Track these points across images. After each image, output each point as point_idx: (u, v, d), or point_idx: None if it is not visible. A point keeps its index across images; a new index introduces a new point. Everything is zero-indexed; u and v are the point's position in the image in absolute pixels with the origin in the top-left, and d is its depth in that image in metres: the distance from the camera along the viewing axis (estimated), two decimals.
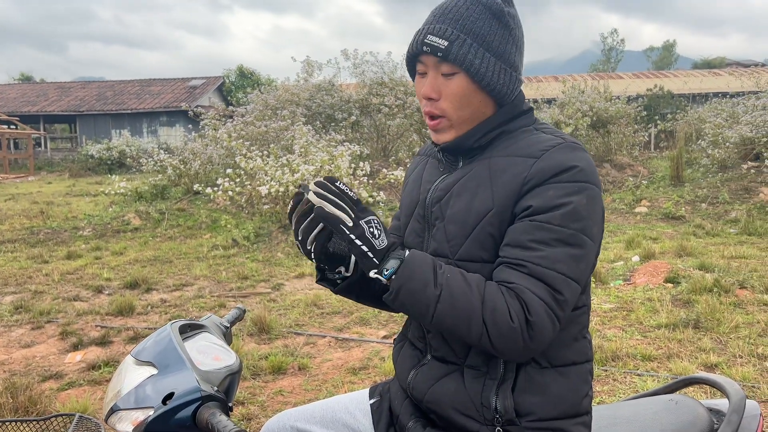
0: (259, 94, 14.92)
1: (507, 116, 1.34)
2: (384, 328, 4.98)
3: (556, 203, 1.19)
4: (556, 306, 1.16)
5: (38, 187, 18.86)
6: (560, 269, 1.17)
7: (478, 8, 1.27)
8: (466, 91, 1.28)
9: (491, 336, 1.14)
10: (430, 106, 1.32)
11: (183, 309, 5.72)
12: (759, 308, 4.99)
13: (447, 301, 1.15)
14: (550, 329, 1.16)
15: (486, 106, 1.32)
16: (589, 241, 1.21)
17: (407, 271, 1.16)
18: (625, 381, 3.78)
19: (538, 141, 1.28)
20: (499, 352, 1.17)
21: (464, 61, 1.25)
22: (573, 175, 1.21)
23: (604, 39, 72.32)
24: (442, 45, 1.25)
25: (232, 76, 35.70)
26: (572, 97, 15.66)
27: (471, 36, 1.26)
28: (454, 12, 1.28)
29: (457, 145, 1.35)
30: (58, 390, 3.92)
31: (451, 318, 1.15)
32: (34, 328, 5.20)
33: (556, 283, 1.17)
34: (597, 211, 1.23)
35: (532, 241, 1.19)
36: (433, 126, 1.34)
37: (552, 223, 1.19)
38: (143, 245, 9.03)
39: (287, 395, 3.78)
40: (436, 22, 1.28)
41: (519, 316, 1.14)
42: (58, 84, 37.37)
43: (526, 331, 1.14)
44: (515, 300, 1.16)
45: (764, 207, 9.97)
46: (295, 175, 8.45)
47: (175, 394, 1.10)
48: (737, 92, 17.54)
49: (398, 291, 1.17)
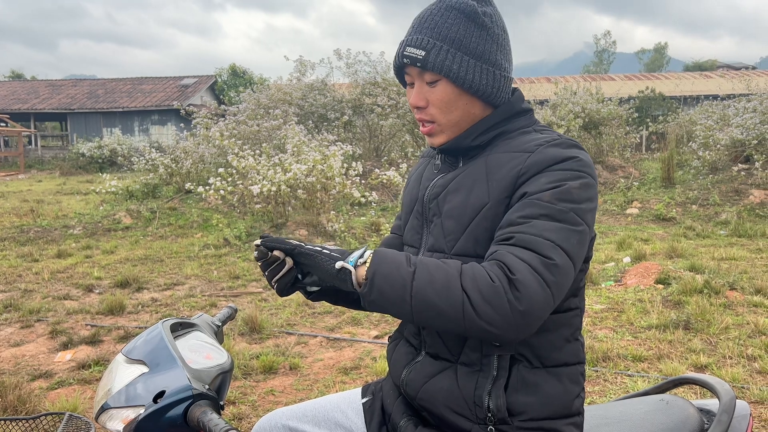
0: (251, 93, 14.89)
1: (504, 116, 1.35)
2: (376, 328, 4.98)
3: (548, 186, 1.19)
4: (543, 269, 1.10)
5: (28, 186, 18.74)
6: (548, 236, 1.14)
7: (452, 14, 1.29)
8: (451, 96, 1.31)
9: (474, 302, 1.08)
10: (420, 113, 1.35)
11: (174, 308, 5.70)
12: (748, 309, 5.02)
13: (423, 276, 1.12)
14: (539, 291, 1.09)
15: (473, 107, 1.33)
16: (583, 222, 1.18)
17: (378, 256, 1.16)
18: (615, 381, 3.79)
19: (535, 138, 1.30)
20: (486, 322, 1.08)
21: (443, 67, 1.28)
22: (568, 164, 1.22)
23: (597, 41, 72.62)
24: (420, 55, 1.28)
25: (225, 75, 35.60)
26: (564, 99, 15.73)
27: (447, 42, 1.28)
28: (429, 21, 1.30)
29: (455, 146, 1.37)
30: (48, 389, 3.89)
31: (429, 293, 1.11)
32: (23, 327, 5.17)
33: (543, 248, 1.12)
34: (591, 199, 1.22)
35: (521, 217, 1.18)
36: (425, 131, 1.38)
37: (542, 200, 1.18)
38: (134, 244, 8.98)
39: (278, 395, 3.77)
40: (414, 33, 1.32)
41: (500, 277, 1.10)
42: (49, 82, 37.14)
43: (510, 290, 1.08)
44: (495, 266, 1.12)
45: (754, 209, 10.04)
46: (287, 174, 8.44)
47: (166, 393, 1.10)
48: (728, 95, 17.64)
49: (373, 278, 1.14)
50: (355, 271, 1.17)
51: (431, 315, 1.12)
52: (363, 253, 1.19)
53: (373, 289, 1.14)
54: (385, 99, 13.38)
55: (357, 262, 1.17)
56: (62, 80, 38.01)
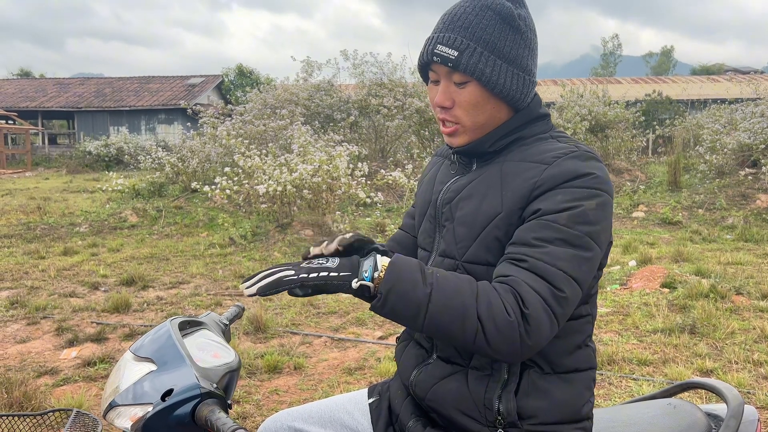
0: (258, 93, 14.92)
1: (522, 121, 1.33)
2: (380, 329, 4.98)
3: (564, 206, 1.18)
4: (554, 302, 1.12)
5: (35, 183, 18.82)
6: (562, 266, 1.14)
7: (487, 14, 1.26)
8: (480, 99, 1.28)
9: (487, 332, 1.09)
10: (444, 113, 1.31)
11: (179, 307, 5.71)
12: (755, 314, 5.00)
13: (439, 300, 1.10)
14: (547, 325, 1.11)
15: (500, 111, 1.31)
16: (596, 245, 1.19)
17: (394, 272, 1.12)
18: (621, 385, 3.78)
19: (552, 148, 1.27)
20: (494, 350, 1.11)
21: (475, 70, 1.24)
22: (585, 182, 1.20)
23: (605, 43, 72.42)
24: (452, 55, 1.24)
25: (231, 75, 35.68)
26: (571, 101, 15.69)
27: (481, 44, 1.24)
28: (463, 19, 1.26)
29: (473, 149, 1.35)
30: (54, 386, 3.90)
31: (444, 317, 1.10)
32: (29, 324, 5.19)
33: (556, 280, 1.13)
34: (606, 219, 1.21)
35: (536, 239, 1.17)
36: (447, 132, 1.34)
37: (558, 223, 1.17)
38: (140, 242, 9.01)
39: (283, 395, 3.78)
40: (446, 30, 1.27)
41: (515, 309, 1.10)
42: (56, 80, 37.29)
43: (523, 325, 1.10)
44: (509, 294, 1.12)
45: (761, 214, 9.99)
46: (293, 174, 8.45)
47: (174, 391, 1.10)
48: (735, 99, 17.57)
49: (387, 295, 1.11)
50: (373, 284, 1.13)
51: (441, 335, 1.14)
52: (376, 264, 1.14)
53: (386, 305, 1.12)
54: (392, 100, 13.38)
55: (373, 275, 1.13)
56: (70, 79, 38.14)
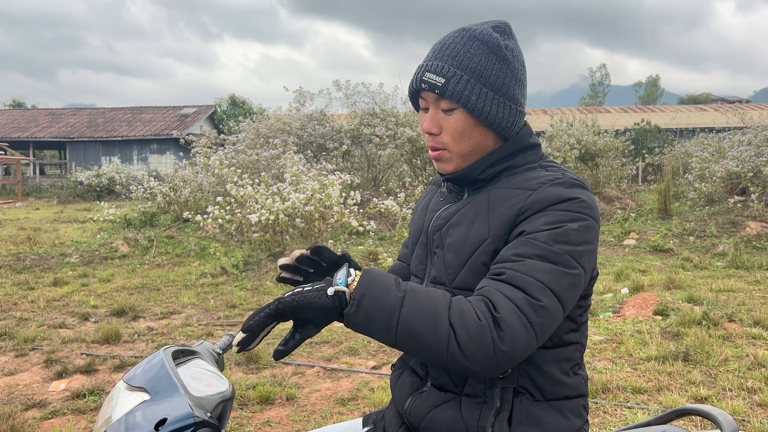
0: (251, 122, 14.99)
1: (511, 150, 1.36)
2: (373, 359, 4.94)
3: (546, 226, 1.19)
4: (529, 309, 1.11)
5: (26, 213, 18.72)
6: (538, 277, 1.14)
7: (475, 44, 1.29)
8: (466, 126, 1.31)
9: (459, 338, 1.09)
10: (432, 140, 1.35)
11: (170, 337, 5.66)
12: (747, 342, 5.00)
13: (412, 304, 1.11)
14: (522, 332, 1.10)
15: (487, 138, 1.34)
16: (577, 264, 1.18)
17: (368, 277, 1.14)
18: (615, 414, 3.76)
19: (539, 176, 1.30)
20: (468, 359, 1.09)
21: (461, 97, 1.27)
22: (568, 205, 1.22)
23: (593, 73, 73.38)
24: (439, 82, 1.28)
25: (224, 105, 35.87)
26: (560, 130, 15.86)
27: (468, 72, 1.28)
28: (451, 48, 1.30)
29: (463, 177, 1.37)
30: (42, 419, 3.84)
31: (416, 323, 1.10)
32: (17, 356, 5.12)
33: (531, 289, 1.13)
34: (590, 242, 1.22)
35: (516, 255, 1.18)
36: (434, 156, 1.37)
37: (538, 240, 1.18)
38: (131, 272, 8.95)
39: (275, 426, 3.73)
40: (434, 59, 1.31)
41: (485, 314, 1.10)
42: (49, 110, 37.36)
43: (495, 330, 1.09)
44: (481, 302, 1.13)
45: (751, 241, 10.06)
46: (286, 203, 8.45)
47: (168, 420, 1.09)
48: (723, 128, 17.82)
49: (360, 300, 1.12)
50: (348, 290, 1.14)
51: (414, 344, 1.12)
52: (348, 271, 1.17)
53: (359, 311, 1.12)
54: (384, 129, 13.48)
55: (347, 281, 1.15)
56: (62, 109, 38.24)
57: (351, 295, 1.13)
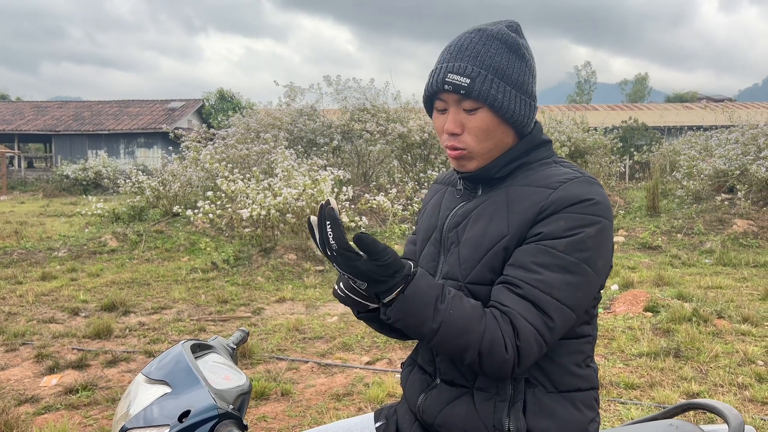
0: (240, 117, 14.92)
1: (527, 147, 1.37)
2: (367, 354, 4.95)
3: (565, 232, 1.22)
4: (546, 332, 1.19)
5: (11, 207, 18.53)
6: (556, 295, 1.19)
7: (494, 43, 1.31)
8: (490, 125, 1.32)
9: (483, 365, 1.19)
10: (453, 140, 1.34)
11: (162, 332, 5.63)
12: (737, 338, 5.07)
13: (444, 338, 1.18)
14: (536, 353, 1.20)
15: (507, 136, 1.35)
16: (591, 271, 1.23)
17: (406, 306, 1.16)
18: (609, 409, 3.79)
19: (557, 173, 1.31)
20: (483, 373, 1.23)
21: (487, 96, 1.28)
22: (586, 207, 1.24)
23: (578, 71, 73.70)
24: (465, 83, 1.28)
25: (212, 99, 35.66)
26: (550, 128, 15.93)
27: (491, 71, 1.29)
28: (471, 49, 1.31)
29: (480, 175, 1.38)
30: (35, 414, 3.81)
31: (446, 348, 1.20)
32: (8, 351, 5.08)
33: (549, 309, 1.19)
34: (605, 245, 1.26)
35: (534, 263, 1.22)
36: (455, 156, 1.36)
37: (557, 249, 1.21)
38: (120, 267, 8.89)
39: (271, 421, 3.73)
40: (455, 60, 1.31)
41: (511, 343, 1.18)
42: (34, 103, 36.94)
43: (516, 359, 1.18)
44: (509, 326, 1.19)
45: (738, 238, 10.18)
46: (277, 199, 8.43)
47: (191, 412, 1.08)
48: (710, 126, 17.99)
49: (394, 323, 1.20)
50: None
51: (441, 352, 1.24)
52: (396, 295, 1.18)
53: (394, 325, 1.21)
54: (374, 125, 13.48)
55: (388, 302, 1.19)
56: (48, 102, 37.81)
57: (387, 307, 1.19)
